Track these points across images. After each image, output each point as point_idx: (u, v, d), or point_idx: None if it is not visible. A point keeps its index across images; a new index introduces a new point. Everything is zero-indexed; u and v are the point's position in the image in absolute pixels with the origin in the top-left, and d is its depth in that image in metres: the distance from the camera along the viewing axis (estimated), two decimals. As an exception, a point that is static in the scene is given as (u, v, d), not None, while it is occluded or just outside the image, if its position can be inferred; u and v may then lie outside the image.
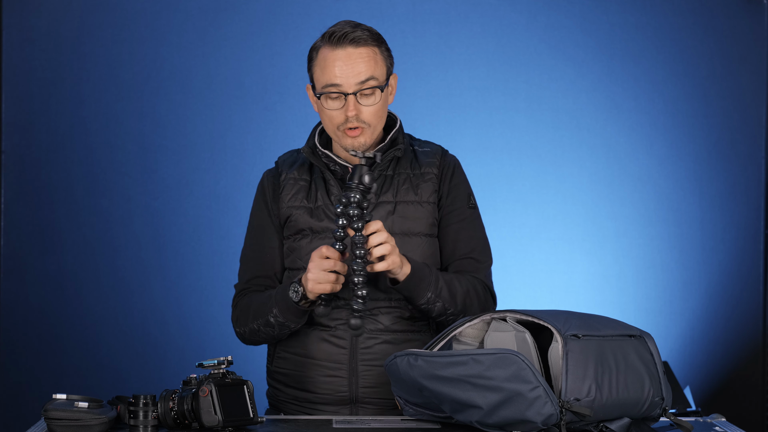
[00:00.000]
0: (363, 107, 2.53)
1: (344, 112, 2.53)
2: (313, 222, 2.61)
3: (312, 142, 2.65)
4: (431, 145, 2.70)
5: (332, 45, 2.53)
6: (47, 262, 4.38)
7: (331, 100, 2.54)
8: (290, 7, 4.45)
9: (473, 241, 2.64)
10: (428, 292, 2.51)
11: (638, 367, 2.24)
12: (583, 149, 4.50)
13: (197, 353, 4.22)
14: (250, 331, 2.61)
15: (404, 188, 2.61)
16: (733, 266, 4.52)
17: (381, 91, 2.55)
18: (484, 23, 4.49)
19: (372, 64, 2.54)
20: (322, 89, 2.54)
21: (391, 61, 2.60)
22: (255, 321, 2.58)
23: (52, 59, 4.38)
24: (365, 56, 2.53)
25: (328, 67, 2.53)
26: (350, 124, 2.53)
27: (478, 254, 2.64)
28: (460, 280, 2.57)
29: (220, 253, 4.36)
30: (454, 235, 2.63)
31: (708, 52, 4.52)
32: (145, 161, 4.41)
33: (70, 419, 2.22)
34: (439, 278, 2.53)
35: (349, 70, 2.52)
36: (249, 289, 2.67)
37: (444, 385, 2.23)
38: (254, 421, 2.31)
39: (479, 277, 2.63)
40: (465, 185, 2.68)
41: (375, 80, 2.54)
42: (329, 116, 2.55)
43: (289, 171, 2.67)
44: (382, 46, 2.58)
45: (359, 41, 2.53)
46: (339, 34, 2.53)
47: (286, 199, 2.64)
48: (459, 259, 2.63)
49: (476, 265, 2.63)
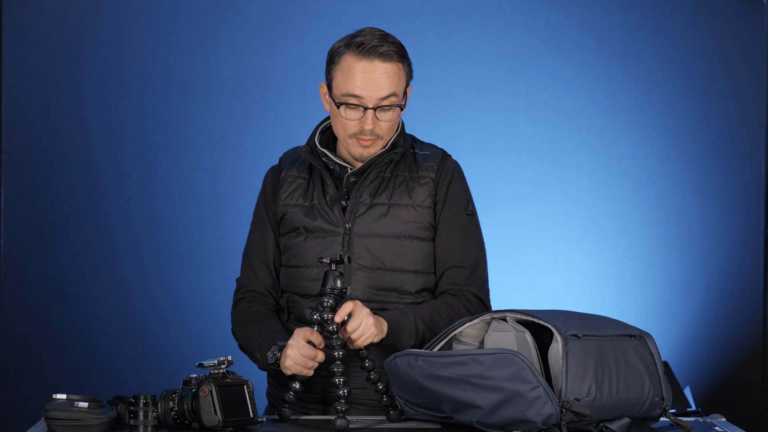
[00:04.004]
0: (380, 122, 2.54)
1: (361, 124, 2.53)
2: (307, 221, 2.61)
3: (312, 141, 2.65)
4: (432, 149, 2.69)
5: (359, 55, 2.52)
6: (47, 262, 4.38)
7: (350, 110, 2.54)
8: (290, 7, 4.45)
9: (468, 249, 2.63)
10: (410, 341, 2.50)
11: (638, 367, 2.24)
12: (583, 149, 4.50)
13: (197, 353, 4.23)
14: (241, 346, 2.64)
15: (399, 191, 2.61)
16: (733, 266, 4.52)
17: (401, 109, 2.56)
18: (484, 23, 4.49)
19: (395, 81, 2.54)
20: (342, 97, 2.54)
21: (411, 76, 2.61)
22: (245, 344, 2.61)
23: (52, 59, 4.38)
24: (390, 72, 2.53)
25: (352, 77, 2.52)
26: (364, 135, 2.54)
27: (471, 263, 2.62)
28: (441, 312, 2.55)
29: (220, 253, 4.36)
30: (449, 243, 2.62)
31: (708, 52, 4.52)
32: (145, 161, 4.41)
33: (70, 419, 2.22)
34: (418, 324, 2.51)
35: (373, 85, 2.51)
36: (245, 298, 2.69)
37: (444, 385, 2.23)
38: (254, 421, 2.31)
39: (470, 291, 2.61)
40: (464, 192, 2.66)
41: (396, 97, 2.54)
42: (343, 124, 2.55)
43: (289, 168, 2.68)
44: (405, 62, 2.57)
45: (386, 56, 2.52)
46: (368, 46, 2.51)
47: (283, 197, 2.65)
48: (451, 268, 2.61)
49: (469, 276, 2.61)
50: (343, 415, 2.33)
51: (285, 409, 2.45)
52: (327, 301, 2.38)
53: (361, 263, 2.57)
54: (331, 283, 2.39)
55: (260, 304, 2.66)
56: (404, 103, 2.59)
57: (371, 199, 2.60)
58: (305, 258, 2.61)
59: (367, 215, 2.58)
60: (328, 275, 2.40)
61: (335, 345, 2.38)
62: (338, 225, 2.59)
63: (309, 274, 2.61)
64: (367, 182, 2.60)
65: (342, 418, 2.32)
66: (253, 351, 2.56)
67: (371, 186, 2.60)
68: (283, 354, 2.44)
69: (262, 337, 2.55)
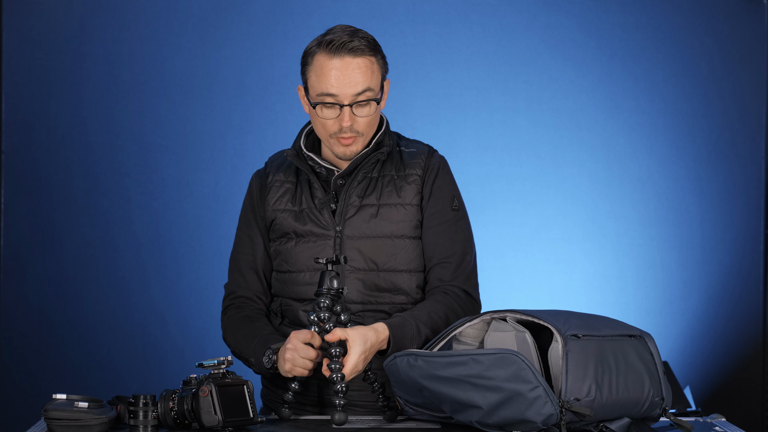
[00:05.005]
0: (358, 118, 2.53)
1: (339, 122, 2.52)
2: (297, 225, 2.60)
3: (298, 144, 2.64)
4: (418, 145, 2.67)
5: (329, 53, 2.50)
6: (47, 262, 4.38)
7: (327, 109, 2.53)
8: (290, 7, 4.45)
9: (454, 245, 2.61)
10: (413, 345, 2.48)
11: (638, 367, 2.24)
12: (583, 149, 4.50)
13: (197, 353, 4.22)
14: (233, 352, 2.63)
15: (388, 190, 2.60)
16: (733, 266, 4.52)
17: (377, 103, 2.54)
18: (484, 23, 4.49)
19: (368, 75, 2.52)
20: (318, 97, 2.52)
21: (386, 69, 2.58)
22: (237, 350, 2.60)
23: (52, 59, 4.38)
24: (362, 67, 2.51)
25: (324, 76, 2.51)
26: (344, 133, 2.53)
27: (457, 258, 2.61)
28: (437, 312, 2.54)
29: (220, 253, 4.36)
30: (434, 238, 2.61)
31: (708, 52, 4.52)
32: (145, 161, 4.41)
33: (70, 419, 2.22)
34: (420, 327, 2.50)
35: (346, 81, 2.50)
36: (234, 304, 2.68)
37: (444, 385, 2.23)
38: (254, 421, 2.31)
39: (457, 285, 2.60)
40: (450, 187, 2.65)
41: (371, 91, 2.52)
42: (322, 124, 2.54)
43: (276, 173, 2.66)
44: (378, 55, 2.55)
45: (356, 51, 2.50)
46: (337, 43, 2.50)
47: (272, 202, 2.64)
48: (437, 264, 2.60)
49: (454, 270, 2.60)
50: (341, 409, 2.33)
51: (284, 410, 2.45)
52: (323, 302, 2.38)
53: (354, 265, 2.57)
54: (328, 283, 2.39)
55: (249, 309, 2.65)
56: (381, 96, 2.56)
57: (360, 200, 2.59)
58: (297, 263, 2.60)
59: (357, 217, 2.58)
60: (325, 276, 2.40)
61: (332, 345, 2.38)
62: (329, 228, 2.58)
63: (302, 279, 2.60)
64: (355, 184, 2.59)
65: (340, 412, 2.32)
66: (247, 356, 2.55)
67: (359, 187, 2.59)
68: (280, 357, 2.44)
69: (255, 340, 2.54)
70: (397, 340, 2.45)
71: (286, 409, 2.46)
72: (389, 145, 2.61)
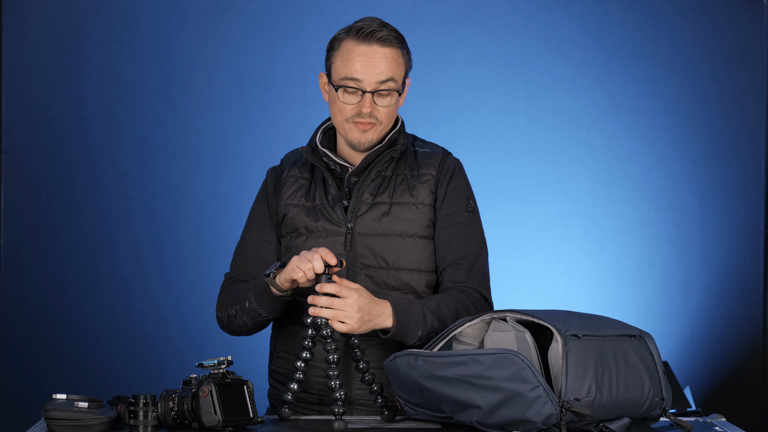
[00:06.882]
0: (378, 107, 2.55)
1: (359, 107, 2.54)
2: (309, 221, 2.61)
3: (313, 141, 2.65)
4: (433, 147, 2.69)
5: (358, 39, 2.54)
6: (47, 262, 4.38)
7: (348, 94, 2.55)
8: (290, 7, 4.45)
9: (468, 246, 2.62)
10: (418, 330, 2.48)
11: (638, 367, 2.24)
12: (583, 149, 4.50)
13: (197, 353, 4.23)
14: (228, 317, 2.62)
15: (400, 189, 2.61)
16: (733, 266, 4.52)
17: (399, 94, 2.56)
18: (484, 23, 4.49)
19: (394, 66, 2.55)
20: (341, 81, 2.54)
21: (410, 66, 2.62)
22: (233, 306, 2.59)
23: (52, 59, 4.38)
24: (389, 57, 2.54)
25: (351, 61, 2.53)
26: (362, 118, 2.54)
27: (471, 260, 2.61)
28: (447, 304, 2.54)
29: (220, 253, 4.35)
30: (448, 239, 2.61)
31: (708, 52, 4.52)
32: (145, 161, 4.41)
33: (70, 419, 2.22)
34: (426, 313, 2.50)
35: (372, 68, 2.53)
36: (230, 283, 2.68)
37: (444, 385, 2.23)
38: (254, 421, 2.31)
39: (471, 286, 2.60)
40: (464, 189, 2.66)
41: (394, 82, 2.55)
42: (341, 108, 2.56)
43: (291, 169, 2.67)
44: (404, 49, 2.59)
45: (385, 41, 2.54)
46: (367, 30, 2.54)
47: (285, 197, 2.65)
48: (450, 265, 2.61)
49: (468, 272, 2.60)
50: (341, 417, 2.33)
51: (284, 410, 2.45)
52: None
53: (364, 262, 2.57)
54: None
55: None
56: (402, 90, 2.58)
57: (372, 198, 2.60)
58: None
59: (368, 214, 2.59)
60: (321, 279, 2.40)
61: (331, 348, 2.39)
62: (340, 225, 2.59)
63: None
64: (368, 181, 2.60)
65: (340, 420, 2.32)
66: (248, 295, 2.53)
67: (372, 185, 2.60)
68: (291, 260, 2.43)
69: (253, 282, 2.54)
70: (399, 315, 2.45)
71: (286, 409, 2.46)
72: (403, 143, 2.62)
